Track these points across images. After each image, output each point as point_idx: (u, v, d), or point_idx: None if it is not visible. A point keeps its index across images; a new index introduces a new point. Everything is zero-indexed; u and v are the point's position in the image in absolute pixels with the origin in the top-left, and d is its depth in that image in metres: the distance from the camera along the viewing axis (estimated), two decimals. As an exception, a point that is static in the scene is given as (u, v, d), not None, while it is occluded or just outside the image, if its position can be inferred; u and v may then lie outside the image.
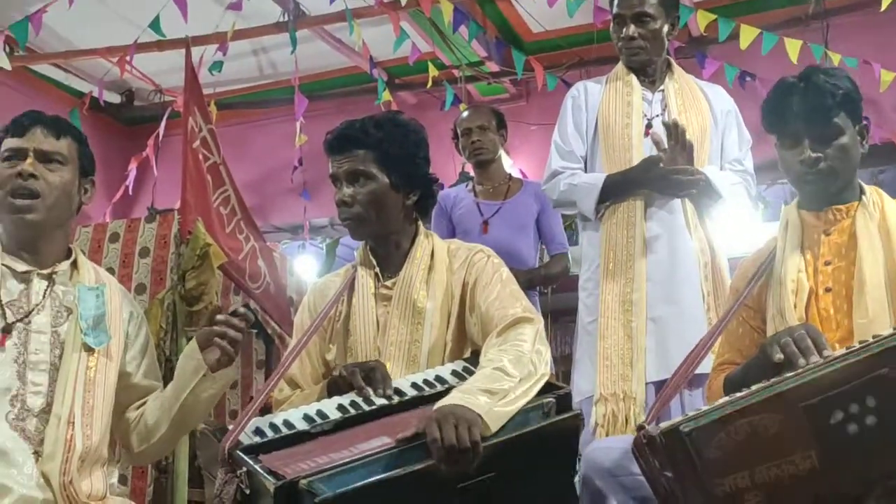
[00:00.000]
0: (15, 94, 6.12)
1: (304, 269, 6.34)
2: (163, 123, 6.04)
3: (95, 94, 5.99)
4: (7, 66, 4.87)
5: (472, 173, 5.14)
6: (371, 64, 5.64)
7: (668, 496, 1.60)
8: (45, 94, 6.49)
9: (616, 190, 2.80)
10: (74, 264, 2.11)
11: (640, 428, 1.64)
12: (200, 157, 3.92)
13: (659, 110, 2.89)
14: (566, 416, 1.83)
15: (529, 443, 1.75)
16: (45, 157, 2.04)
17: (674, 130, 2.67)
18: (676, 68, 3.00)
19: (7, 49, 4.96)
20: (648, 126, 2.86)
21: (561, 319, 6.33)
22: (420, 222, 2.29)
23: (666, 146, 2.65)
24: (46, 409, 1.93)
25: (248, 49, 6.25)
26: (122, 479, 3.54)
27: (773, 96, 2.01)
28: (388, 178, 2.16)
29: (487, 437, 1.69)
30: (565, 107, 3.03)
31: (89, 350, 2.01)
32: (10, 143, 2.06)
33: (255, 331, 4.32)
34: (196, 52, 4.65)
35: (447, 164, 5.43)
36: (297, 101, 5.76)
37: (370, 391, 1.92)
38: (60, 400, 1.93)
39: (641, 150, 2.82)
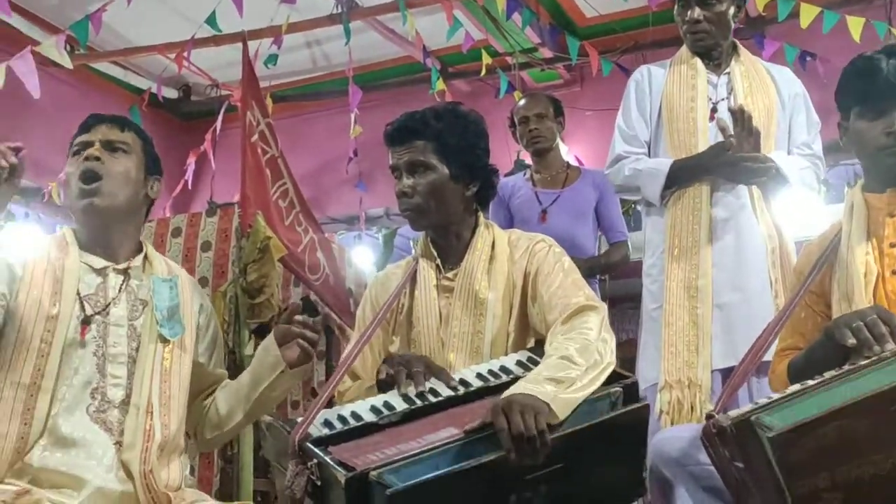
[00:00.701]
0: (76, 93, 6.25)
1: (361, 259, 6.37)
2: (220, 117, 6.10)
3: (154, 91, 6.07)
4: (69, 64, 4.95)
5: (527, 161, 5.14)
6: (424, 53, 5.64)
7: (740, 487, 1.58)
8: (105, 91, 6.61)
9: (683, 175, 2.76)
10: (146, 258, 2.16)
11: (709, 417, 1.62)
12: (259, 150, 3.96)
13: (724, 94, 2.84)
14: (635, 406, 1.82)
15: (598, 433, 1.74)
16: (110, 146, 2.10)
17: (739, 116, 2.62)
18: (743, 50, 2.95)
19: (68, 48, 5.05)
20: (714, 110, 2.82)
21: (619, 306, 6.28)
22: (480, 213, 2.29)
23: (732, 132, 2.61)
24: (126, 401, 1.97)
25: (302, 42, 6.30)
26: (190, 470, 3.60)
27: (858, 68, 1.98)
28: (447, 168, 2.17)
29: (556, 428, 1.68)
30: (629, 91, 3.01)
31: (165, 341, 2.05)
32: (79, 139, 2.13)
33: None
34: (251, 46, 4.68)
35: (502, 152, 5.40)
36: (351, 93, 5.78)
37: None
38: (139, 391, 1.97)
39: (707, 134, 2.78)
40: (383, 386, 2.04)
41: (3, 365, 1.90)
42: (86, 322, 1.98)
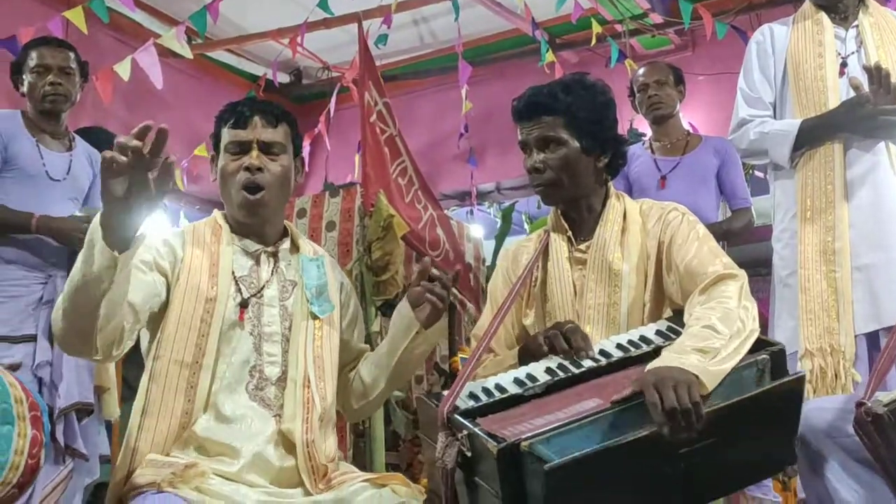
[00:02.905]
0: (193, 81, 6.46)
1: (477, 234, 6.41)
2: (333, 99, 6.20)
3: (269, 76, 6.22)
4: (189, 54, 5.12)
5: (640, 130, 5.07)
6: (533, 25, 5.61)
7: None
8: (220, 78, 6.81)
9: (813, 135, 2.67)
10: (292, 240, 2.23)
11: (859, 405, 1.57)
12: (377, 130, 4.03)
13: (854, 48, 2.74)
14: (792, 377, 1.78)
15: (756, 405, 1.71)
16: (267, 149, 2.12)
17: (876, 74, 2.51)
18: (870, 1, 2.82)
19: (186, 39, 5.21)
20: (843, 65, 2.71)
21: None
22: (610, 183, 2.28)
23: (867, 90, 2.52)
24: (282, 378, 2.04)
25: (409, 20, 6.35)
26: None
27: None
28: (578, 142, 2.16)
29: (707, 400, 1.66)
30: (750, 52, 2.92)
31: (315, 319, 2.12)
32: (234, 134, 2.13)
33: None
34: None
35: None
36: (461, 68, 5.80)
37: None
38: (294, 366, 2.04)
39: (837, 91, 2.68)
40: (526, 354, 2.06)
41: (167, 344, 1.98)
42: (243, 304, 2.06)
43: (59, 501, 3.07)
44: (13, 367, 2.92)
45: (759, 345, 1.84)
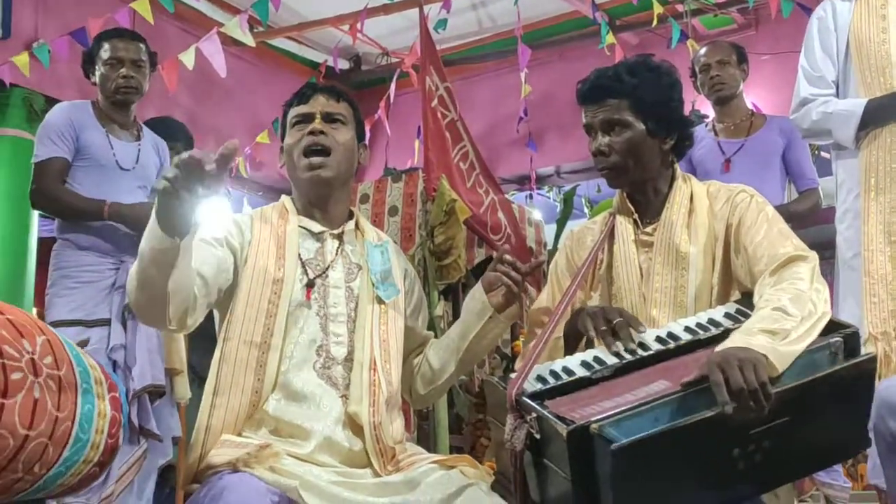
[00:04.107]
0: (255, 69, 6.54)
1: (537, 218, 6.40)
2: (392, 85, 6.23)
3: (330, 63, 6.27)
4: (252, 42, 5.18)
5: (701, 111, 5.01)
6: (593, 7, 5.57)
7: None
8: (281, 66, 6.88)
9: (880, 115, 2.62)
10: (357, 224, 2.25)
11: None
12: (439, 115, 4.04)
13: None
14: (863, 357, 1.76)
15: (826, 386, 1.69)
16: (329, 118, 2.17)
17: None
18: None
19: (248, 27, 5.28)
20: None
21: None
22: (677, 166, 2.26)
23: None
24: (349, 357, 2.07)
25: (468, 4, 6.35)
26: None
27: None
28: (643, 124, 2.14)
29: (777, 381, 1.65)
30: (811, 29, 2.87)
31: (381, 303, 2.14)
32: (297, 110, 2.20)
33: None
34: (420, 12, 4.76)
35: (677, 103, 5.28)
36: (520, 52, 5.78)
37: (619, 346, 1.92)
38: (361, 348, 2.07)
39: None
40: (573, 334, 2.06)
41: (236, 325, 2.02)
42: (309, 285, 2.09)
43: (133, 481, 3.15)
44: (81, 344, 3.01)
45: (832, 327, 1.82)
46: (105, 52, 3.37)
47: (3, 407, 1.61)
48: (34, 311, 4.98)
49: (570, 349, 2.09)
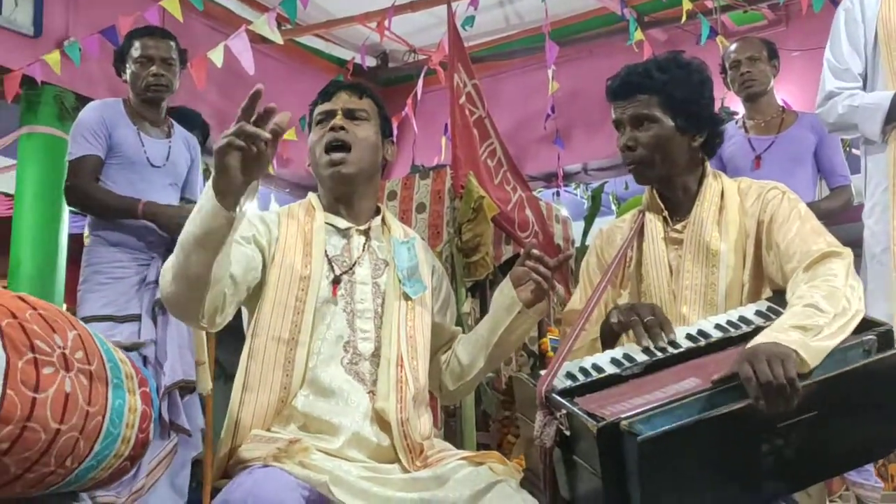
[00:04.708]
0: (282, 67, 6.56)
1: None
2: (420, 82, 6.23)
3: (357, 61, 6.28)
4: (280, 40, 5.22)
5: (731, 108, 4.97)
6: (621, 3, 5.54)
7: None
8: (309, 63, 6.90)
9: None
10: (383, 221, 2.26)
11: None
12: (467, 112, 4.04)
13: None
14: (892, 352, 1.74)
15: (854, 381, 1.68)
16: (351, 115, 2.18)
17: None
18: None
19: (276, 24, 5.30)
20: None
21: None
22: (707, 163, 2.25)
23: None
24: (376, 353, 2.07)
25: (495, 1, 6.34)
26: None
27: None
28: (672, 121, 2.13)
29: (807, 377, 1.64)
30: (837, 21, 2.83)
31: (408, 299, 2.14)
32: (321, 107, 2.22)
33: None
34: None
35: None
36: (547, 49, 5.76)
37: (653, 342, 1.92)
38: (388, 344, 2.07)
39: None
40: (609, 334, 2.06)
41: (264, 322, 2.03)
42: (336, 281, 2.09)
43: (163, 475, 3.18)
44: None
45: (865, 325, 1.81)
46: (136, 50, 3.40)
47: (35, 401, 1.62)
48: (64, 307, 5.03)
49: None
